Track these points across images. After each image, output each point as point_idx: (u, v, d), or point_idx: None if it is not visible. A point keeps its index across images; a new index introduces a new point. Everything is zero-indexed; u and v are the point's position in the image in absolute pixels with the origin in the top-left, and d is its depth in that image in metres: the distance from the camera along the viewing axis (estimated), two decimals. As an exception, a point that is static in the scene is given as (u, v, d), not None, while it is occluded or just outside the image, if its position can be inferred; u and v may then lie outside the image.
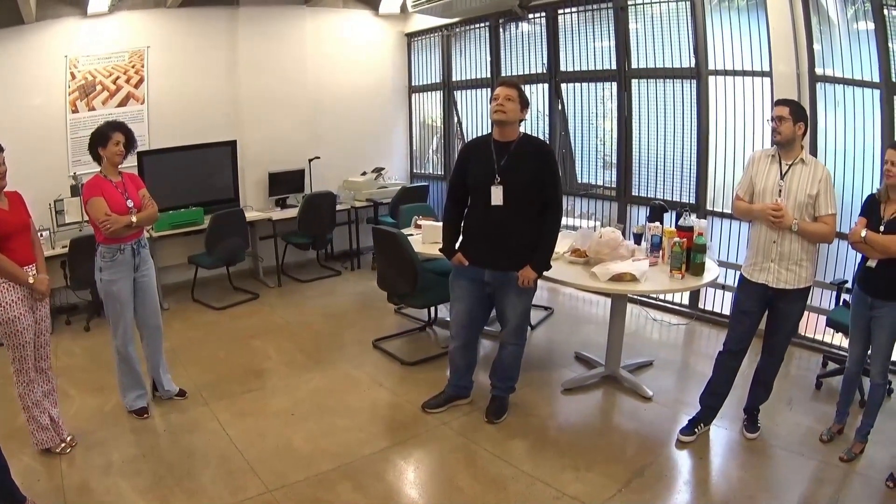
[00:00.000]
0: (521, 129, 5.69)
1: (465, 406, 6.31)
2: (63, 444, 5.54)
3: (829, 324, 6.59)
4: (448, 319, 6.40)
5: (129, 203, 5.84)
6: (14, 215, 5.12)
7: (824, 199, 4.98)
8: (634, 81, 8.88)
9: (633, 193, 9.19)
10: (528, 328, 6.06)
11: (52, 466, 5.35)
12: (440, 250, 6.03)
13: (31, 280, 5.13)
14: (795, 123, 5.00)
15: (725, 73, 7.86)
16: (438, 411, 6.23)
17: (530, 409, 6.28)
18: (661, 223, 6.88)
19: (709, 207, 8.27)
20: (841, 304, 6.65)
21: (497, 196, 5.47)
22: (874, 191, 5.15)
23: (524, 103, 5.55)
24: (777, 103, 5.17)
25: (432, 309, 8.25)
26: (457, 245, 5.88)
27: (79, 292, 8.98)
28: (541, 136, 10.18)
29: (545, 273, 5.99)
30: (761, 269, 5.22)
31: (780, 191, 5.08)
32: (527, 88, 9.51)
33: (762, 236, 5.20)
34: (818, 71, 7.03)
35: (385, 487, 5.11)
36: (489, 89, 10.99)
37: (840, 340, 6.97)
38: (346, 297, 10.08)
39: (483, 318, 6.14)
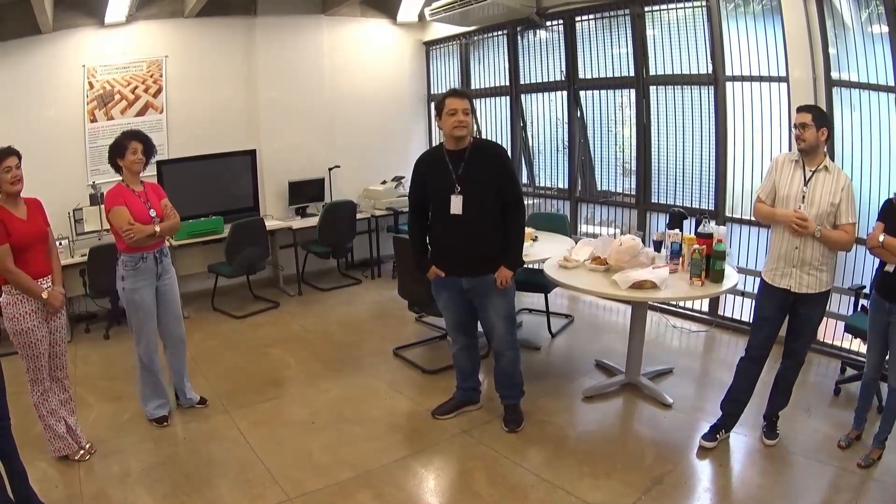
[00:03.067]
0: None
1: (485, 414, 6.30)
2: (81, 452, 5.58)
3: (848, 329, 6.56)
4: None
5: (152, 213, 5.88)
6: (32, 225, 5.15)
7: (845, 207, 4.97)
8: (652, 88, 8.85)
9: (653, 200, 9.16)
10: (517, 329, 6.06)
11: (69, 474, 5.39)
12: (414, 267, 6.10)
13: (44, 295, 5.15)
14: (818, 129, 4.98)
15: (742, 78, 7.83)
16: (448, 417, 6.27)
17: (550, 416, 6.27)
18: (681, 230, 6.86)
19: (728, 214, 8.24)
20: (859, 309, 6.61)
21: (457, 205, 5.52)
22: (892, 195, 5.13)
23: (473, 112, 5.64)
24: (799, 110, 5.15)
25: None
26: (428, 257, 5.92)
27: (98, 300, 9.04)
28: (560, 144, 10.29)
29: (564, 280, 6.07)
30: (783, 274, 5.21)
31: (804, 197, 5.07)
32: (546, 96, 9.55)
33: (784, 242, 5.19)
34: (834, 75, 7.00)
35: (405, 496, 5.12)
36: (508, 97, 11.05)
37: (858, 346, 6.92)
38: (367, 305, 10.08)
39: (474, 319, 6.15)
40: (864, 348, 5.97)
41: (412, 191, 5.96)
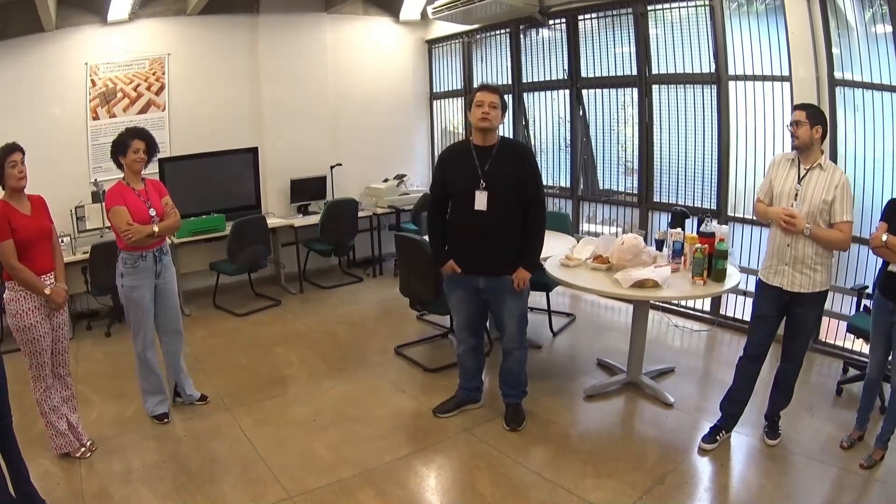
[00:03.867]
0: (499, 133, 5.74)
1: (487, 413, 6.30)
2: (83, 449, 5.59)
3: (850, 329, 6.56)
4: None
5: (152, 212, 5.88)
6: (36, 221, 5.17)
7: (840, 205, 4.96)
8: (655, 87, 8.85)
9: (655, 199, 9.16)
10: (526, 329, 6.07)
11: (71, 471, 5.40)
12: (431, 261, 6.10)
13: (47, 291, 5.17)
14: (812, 127, 5.00)
15: (745, 78, 7.83)
16: (449, 416, 6.28)
17: (552, 415, 6.27)
18: (683, 229, 6.86)
19: (730, 213, 8.24)
20: (861, 309, 6.60)
21: (481, 201, 5.51)
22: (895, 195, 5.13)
23: (504, 108, 5.63)
24: (795, 108, 5.20)
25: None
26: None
27: (100, 298, 9.06)
28: (562, 143, 10.33)
29: (566, 279, 6.16)
30: (776, 272, 5.24)
31: (797, 194, 5.08)
32: (548, 94, 9.53)
33: (777, 239, 5.22)
34: (837, 75, 7.00)
35: (407, 494, 5.12)
36: (510, 96, 10.97)
37: (861, 346, 6.94)
38: (368, 303, 10.08)
39: (483, 320, 6.22)
40: (866, 348, 5.97)
41: (435, 183, 5.96)
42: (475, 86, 11.25)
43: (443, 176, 5.80)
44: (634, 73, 9.00)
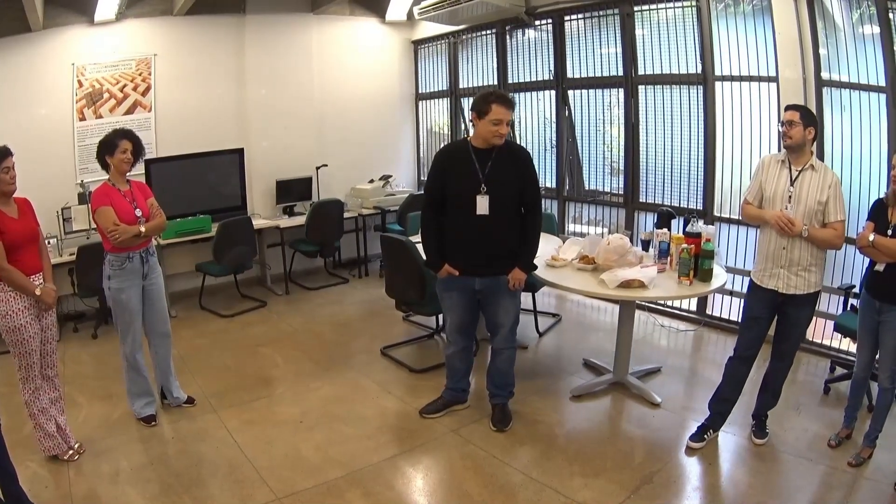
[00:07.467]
0: None
1: (474, 413, 6.31)
2: (71, 452, 5.56)
3: (837, 329, 6.58)
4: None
5: (138, 212, 5.86)
6: (23, 224, 5.16)
7: (833, 205, 4.98)
8: (641, 87, 8.86)
9: (641, 200, 9.17)
10: (517, 329, 6.07)
11: (59, 474, 5.36)
12: (426, 265, 6.05)
13: (37, 292, 5.16)
14: (805, 128, 5.01)
15: (732, 78, 7.84)
16: (436, 416, 6.27)
17: (539, 415, 6.28)
18: (669, 229, 6.88)
19: (716, 213, 8.26)
20: (849, 308, 6.63)
21: (483, 205, 5.49)
22: (882, 195, 5.14)
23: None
24: (787, 108, 5.18)
25: (440, 316, 8.13)
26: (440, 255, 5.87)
27: (86, 300, 9.00)
28: (548, 144, 10.35)
29: (552, 279, 6.19)
30: (771, 274, 5.23)
31: (790, 197, 5.08)
32: (534, 95, 9.52)
33: (772, 242, 5.20)
34: (824, 76, 7.01)
35: (394, 495, 5.11)
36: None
37: (848, 345, 6.97)
38: (354, 304, 10.07)
39: (475, 320, 6.17)
40: (853, 347, 5.99)
41: (430, 185, 5.84)
42: (461, 87, 11.32)
43: (440, 178, 5.71)
44: (621, 73, 9.01)
